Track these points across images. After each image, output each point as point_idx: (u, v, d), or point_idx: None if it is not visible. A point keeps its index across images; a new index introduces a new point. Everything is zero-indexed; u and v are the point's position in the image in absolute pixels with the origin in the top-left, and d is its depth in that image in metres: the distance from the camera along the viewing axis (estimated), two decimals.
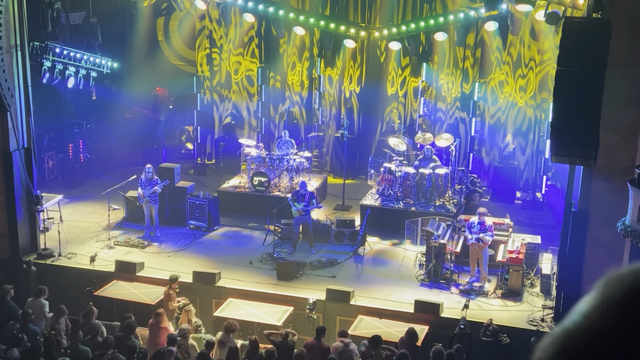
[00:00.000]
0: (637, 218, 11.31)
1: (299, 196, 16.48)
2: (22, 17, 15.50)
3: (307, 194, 16.48)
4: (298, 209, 16.34)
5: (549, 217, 18.11)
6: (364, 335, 12.78)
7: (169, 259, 16.08)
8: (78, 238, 16.93)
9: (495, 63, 19.57)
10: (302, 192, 16.54)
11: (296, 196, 16.52)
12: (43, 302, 13.60)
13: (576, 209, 13.31)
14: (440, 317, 13.54)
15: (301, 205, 16.31)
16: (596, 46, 11.13)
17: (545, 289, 14.48)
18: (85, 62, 18.56)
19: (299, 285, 14.85)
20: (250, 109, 22.08)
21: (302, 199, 16.39)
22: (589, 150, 11.46)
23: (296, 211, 16.37)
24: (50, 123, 20.02)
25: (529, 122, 19.71)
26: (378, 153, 19.92)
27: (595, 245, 13.16)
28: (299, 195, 16.49)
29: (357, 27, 19.88)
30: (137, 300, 14.33)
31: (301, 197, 16.41)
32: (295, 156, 18.92)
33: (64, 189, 19.27)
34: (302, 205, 16.31)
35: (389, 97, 20.82)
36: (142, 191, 16.88)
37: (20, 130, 15.74)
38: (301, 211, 16.34)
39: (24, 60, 15.69)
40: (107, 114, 22.06)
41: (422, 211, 17.29)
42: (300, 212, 16.36)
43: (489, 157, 20.11)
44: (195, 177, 20.56)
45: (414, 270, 15.60)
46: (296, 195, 16.54)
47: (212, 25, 21.86)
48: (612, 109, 11.91)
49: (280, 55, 21.32)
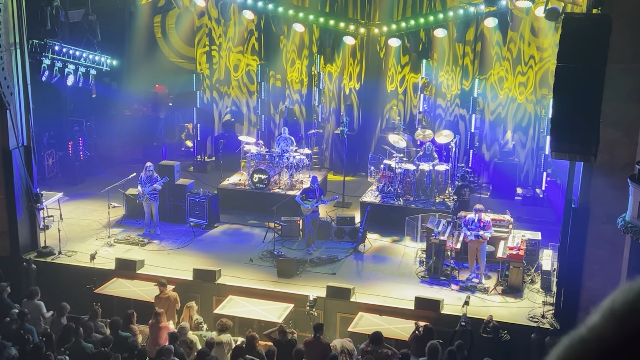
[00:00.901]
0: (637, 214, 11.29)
1: (309, 192, 16.43)
2: (21, 14, 15.48)
3: (317, 190, 16.44)
4: (311, 206, 16.28)
5: (549, 213, 18.10)
6: (364, 332, 12.79)
7: (169, 256, 16.08)
8: (78, 236, 16.93)
9: (495, 59, 19.55)
10: (313, 187, 16.49)
11: (306, 193, 16.47)
12: (37, 304, 13.52)
13: (576, 205, 13.30)
14: (441, 313, 13.53)
15: (313, 201, 16.27)
16: (596, 42, 11.10)
17: (546, 285, 14.48)
18: (84, 60, 18.53)
19: (299, 283, 14.84)
20: (250, 105, 22.07)
21: (312, 195, 16.34)
22: (589, 146, 11.43)
23: (308, 208, 16.30)
24: (49, 121, 20.02)
25: (529, 117, 19.69)
26: (378, 150, 19.90)
27: (595, 241, 13.15)
28: (309, 192, 16.44)
29: (356, 24, 19.87)
30: (137, 297, 14.33)
31: (312, 194, 16.36)
32: (295, 153, 18.91)
33: (63, 187, 19.28)
34: (315, 201, 16.27)
35: (388, 94, 20.80)
36: (142, 189, 16.88)
37: (20, 128, 15.73)
38: (314, 207, 16.30)
39: (23, 58, 15.68)
40: (107, 111, 22.05)
41: (422, 208, 17.29)
42: (313, 209, 16.32)
43: (489, 154, 20.09)
44: (195, 174, 20.56)
45: (414, 267, 15.60)
46: (306, 192, 16.49)
47: (212, 24, 21.83)
48: (612, 105, 11.90)
49: (279, 52, 21.30)
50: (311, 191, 16.41)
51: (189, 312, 13.41)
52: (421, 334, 12.32)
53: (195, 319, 13.38)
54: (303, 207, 16.35)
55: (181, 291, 14.47)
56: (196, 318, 13.42)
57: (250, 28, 21.45)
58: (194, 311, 13.49)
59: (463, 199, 16.63)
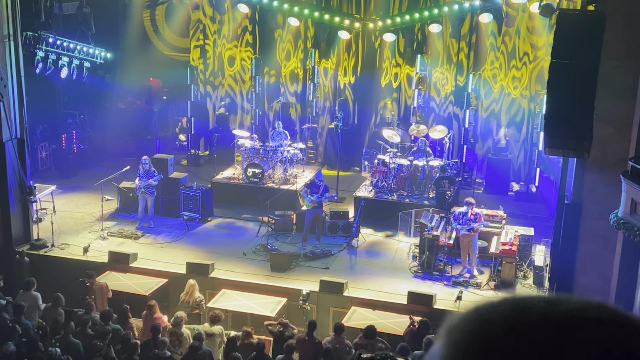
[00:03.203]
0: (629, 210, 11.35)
1: (313, 187, 16.46)
2: (15, 6, 15.42)
3: (322, 186, 16.47)
4: (312, 201, 16.31)
5: (542, 209, 18.15)
6: (357, 326, 12.82)
7: (163, 249, 16.07)
8: (71, 229, 16.90)
9: (489, 55, 19.55)
10: (318, 183, 16.53)
11: (311, 187, 16.51)
12: (34, 295, 13.52)
13: (569, 201, 13.35)
14: (434, 308, 13.57)
15: (315, 196, 16.29)
16: (590, 39, 11.13)
17: (538, 280, 14.53)
18: (78, 52, 18.48)
19: (293, 277, 14.86)
20: (245, 99, 22.03)
21: (316, 190, 16.36)
22: (583, 142, 11.48)
23: (310, 203, 16.33)
24: (43, 113, 19.96)
25: (523, 113, 19.72)
26: (372, 145, 19.92)
27: (588, 237, 13.21)
28: (313, 187, 16.47)
29: (351, 19, 19.85)
30: (130, 291, 14.32)
31: (315, 189, 16.39)
32: (289, 147, 18.91)
33: (57, 180, 19.22)
34: (316, 196, 16.29)
35: (383, 89, 20.80)
36: (139, 182, 16.85)
37: (13, 120, 15.67)
38: (315, 203, 16.33)
39: (17, 50, 15.62)
40: (101, 104, 22.00)
41: (415, 203, 17.32)
42: (314, 204, 16.34)
43: (482, 150, 20.11)
44: (189, 168, 20.54)
45: (408, 261, 15.63)
46: (311, 187, 16.52)
47: (206, 21, 21.77)
48: (605, 102, 11.94)
49: (274, 46, 21.27)
50: (316, 186, 16.44)
51: (192, 289, 13.68)
52: (417, 328, 12.35)
53: (197, 297, 13.66)
54: (305, 201, 16.39)
55: (175, 285, 14.49)
56: (198, 295, 13.69)
57: (245, 24, 21.40)
58: (196, 288, 13.72)
59: (442, 190, 16.60)
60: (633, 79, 12.37)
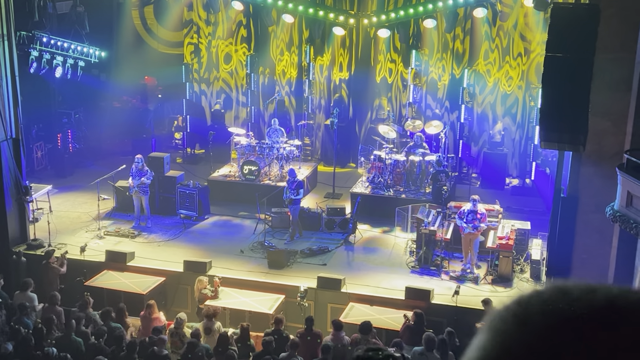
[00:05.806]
0: (625, 203, 11.36)
1: (288, 184, 16.49)
2: (9, 6, 15.38)
3: (295, 182, 16.45)
4: (285, 197, 16.34)
5: (539, 203, 18.18)
6: (355, 322, 12.82)
7: (160, 248, 16.06)
8: (68, 228, 16.88)
9: (484, 49, 19.56)
10: (291, 179, 16.53)
11: (288, 184, 16.53)
12: (31, 296, 13.51)
13: (565, 195, 13.36)
14: (431, 303, 13.59)
15: (289, 192, 16.31)
16: (585, 32, 11.15)
17: (535, 274, 14.55)
18: (72, 52, 18.44)
19: (290, 274, 14.86)
20: (240, 96, 22.00)
21: (291, 186, 16.38)
22: (578, 135, 11.50)
23: (287, 199, 16.36)
24: (38, 113, 19.92)
25: (517, 105, 19.72)
26: (368, 141, 19.92)
27: (584, 230, 13.23)
28: (289, 183, 16.50)
29: (346, 15, 19.83)
30: (127, 290, 14.31)
31: (290, 185, 16.41)
32: (285, 144, 18.90)
33: (53, 179, 19.20)
34: (290, 192, 16.30)
35: (378, 85, 20.79)
36: (132, 181, 16.83)
37: (8, 120, 15.64)
38: (290, 199, 16.31)
39: (11, 50, 15.58)
40: (96, 103, 21.94)
41: (412, 198, 17.32)
42: (291, 201, 16.32)
43: (478, 144, 20.11)
44: (185, 166, 20.51)
45: (405, 257, 15.65)
46: (288, 183, 16.55)
47: (201, 23, 21.74)
48: (601, 95, 11.96)
49: (269, 43, 21.24)
50: (290, 183, 16.45)
51: (199, 285, 13.79)
52: (413, 322, 12.36)
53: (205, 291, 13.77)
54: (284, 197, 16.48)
55: (172, 283, 14.48)
56: (205, 291, 13.79)
57: (239, 19, 21.37)
58: (203, 284, 13.83)
59: (439, 184, 16.60)
60: (628, 72, 12.37)
